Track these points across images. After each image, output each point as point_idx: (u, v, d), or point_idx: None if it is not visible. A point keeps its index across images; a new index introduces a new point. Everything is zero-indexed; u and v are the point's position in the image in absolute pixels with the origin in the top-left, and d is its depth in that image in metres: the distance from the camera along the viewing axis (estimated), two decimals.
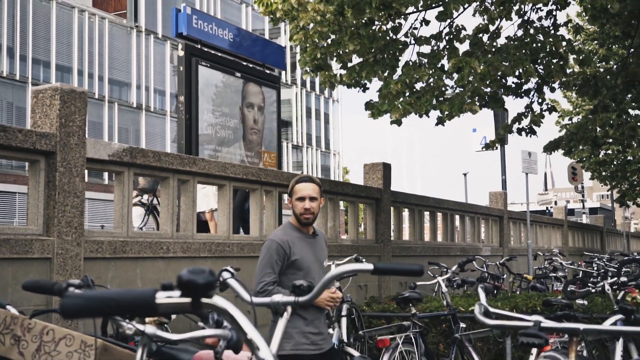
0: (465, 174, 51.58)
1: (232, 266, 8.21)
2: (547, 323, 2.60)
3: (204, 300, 1.59)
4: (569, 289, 9.59)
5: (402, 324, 8.18)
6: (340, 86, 10.79)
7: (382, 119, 9.58)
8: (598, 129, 11.48)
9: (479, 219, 17.13)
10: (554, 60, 10.42)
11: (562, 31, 14.17)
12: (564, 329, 2.60)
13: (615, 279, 7.56)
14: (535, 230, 22.23)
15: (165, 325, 6.40)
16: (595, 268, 15.59)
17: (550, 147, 12.25)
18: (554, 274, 14.11)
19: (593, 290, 7.75)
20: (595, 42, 20.05)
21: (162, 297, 1.58)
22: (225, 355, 2.75)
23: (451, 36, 9.74)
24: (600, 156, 21.44)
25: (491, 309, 3.29)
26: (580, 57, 10.01)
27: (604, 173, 23.72)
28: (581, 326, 2.58)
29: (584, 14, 11.96)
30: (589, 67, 10.74)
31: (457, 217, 16.07)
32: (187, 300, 1.57)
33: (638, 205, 26.14)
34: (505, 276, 13.21)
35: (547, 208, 48.43)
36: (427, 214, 14.77)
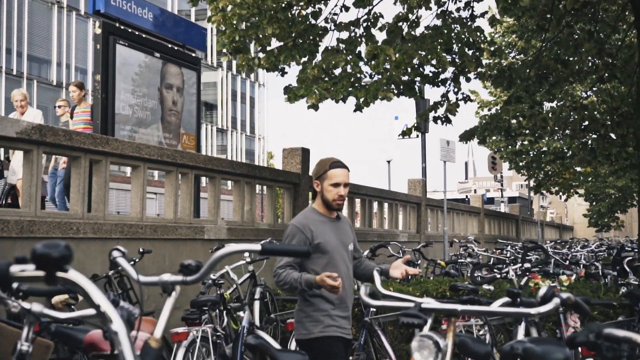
0: (389, 161, 52.09)
1: (144, 248, 8.18)
2: (428, 304, 2.67)
3: (59, 274, 1.59)
4: (476, 275, 9.84)
5: None
6: (268, 71, 10.76)
7: (301, 104, 9.57)
8: (511, 119, 11.75)
9: (397, 206, 17.36)
10: (470, 51, 10.61)
11: (481, 23, 14.39)
12: (443, 310, 2.67)
13: (520, 265, 7.77)
14: (453, 217, 22.68)
15: (73, 307, 6.32)
16: (508, 255, 16.01)
17: (465, 137, 12.48)
18: (469, 260, 14.39)
19: (498, 276, 7.97)
20: (515, 34, 20.50)
21: (16, 270, 1.58)
22: None
23: (369, 23, 9.83)
24: (517, 146, 21.91)
25: (383, 291, 3.36)
26: (492, 49, 10.22)
27: (520, 163, 24.27)
28: (459, 307, 2.66)
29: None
30: (499, 58, 10.97)
31: (375, 203, 16.25)
32: (41, 273, 1.58)
33: (552, 194, 26.83)
34: (420, 262, 13.43)
35: (466, 196, 49.39)
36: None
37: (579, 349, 6.35)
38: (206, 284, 7.53)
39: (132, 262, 7.81)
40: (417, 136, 25.51)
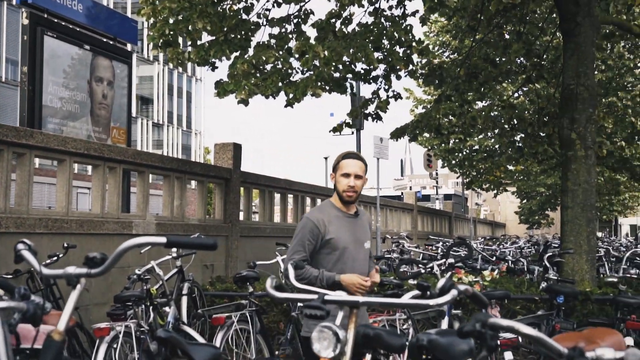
0: (325, 158, 52.31)
1: (69, 243, 8.06)
2: (330, 296, 2.71)
3: None
4: (402, 270, 9.98)
5: (240, 302, 8.26)
6: (198, 65, 10.69)
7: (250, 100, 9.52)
8: (441, 117, 11.93)
9: None
10: (401, 50, 10.74)
11: (413, 21, 14.55)
12: (344, 302, 2.71)
13: (444, 260, 7.91)
14: (386, 214, 22.90)
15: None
16: (439, 251, 16.27)
17: (397, 134, 12.61)
18: (395, 256, 14.54)
19: (423, 271, 8.10)
20: (449, 34, 20.80)
21: None
22: (21, 327, 2.70)
23: (299, 20, 9.86)
24: (450, 144, 22.24)
25: (296, 284, 3.39)
26: (420, 47, 10.36)
27: (453, 161, 24.64)
28: (360, 299, 2.71)
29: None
30: (427, 57, 11.12)
31: (308, 199, 16.30)
32: None
33: (484, 191, 27.35)
34: None
35: (402, 193, 49.89)
36: (277, 195, 14.92)
37: (498, 342, 6.53)
38: (131, 279, 7.47)
39: (56, 257, 7.69)
40: (352, 133, 25.65)
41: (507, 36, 13.02)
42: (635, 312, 7.39)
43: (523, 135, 15.68)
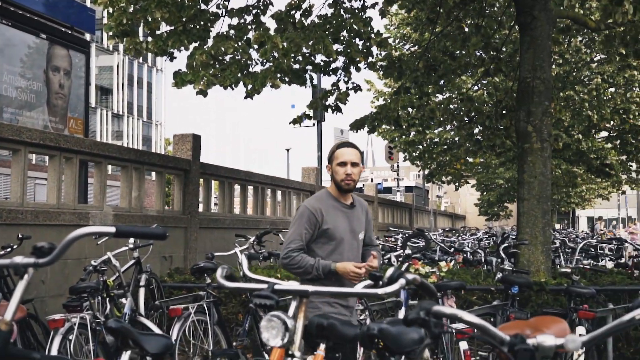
0: (287, 150, 52.26)
1: (23, 234, 7.96)
2: (280, 286, 2.73)
3: None
4: None
5: (198, 293, 8.25)
6: (156, 55, 10.61)
7: (208, 91, 9.44)
8: (400, 110, 11.99)
9: (291, 194, 17.44)
10: (360, 42, 10.77)
11: (374, 13, 14.57)
12: (294, 291, 2.73)
13: (401, 251, 7.98)
14: None
15: None
16: (399, 242, 16.37)
17: (356, 126, 12.65)
18: None
19: (380, 262, 8.14)
20: (409, 27, 20.91)
21: None
22: None
23: (258, 10, 9.84)
24: (410, 137, 22.37)
25: (249, 274, 3.40)
26: (379, 40, 10.40)
27: (413, 153, 24.80)
28: (310, 288, 2.73)
29: None
30: (385, 49, 11.16)
31: (268, 190, 16.28)
32: None
33: (444, 183, 27.60)
34: None
35: (362, 185, 50.08)
36: (238, 187, 14.88)
37: (454, 332, 6.60)
38: (87, 270, 7.41)
39: (10, 249, 7.59)
40: (313, 125, 25.73)
41: (466, 29, 13.11)
42: (587, 301, 7.53)
43: (481, 128, 15.85)
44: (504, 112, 13.14)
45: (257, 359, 7.09)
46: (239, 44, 9.41)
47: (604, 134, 26.11)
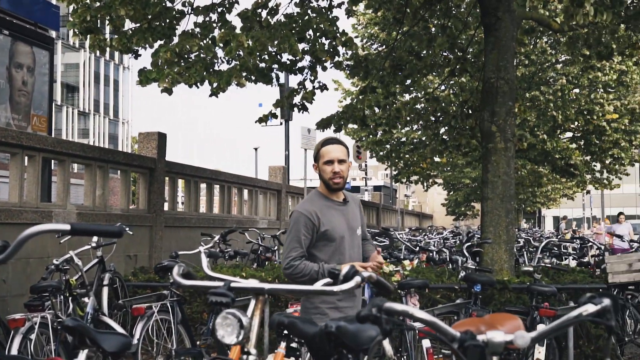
0: (256, 149, 52.18)
1: None
2: (237, 283, 2.73)
3: None
4: None
5: (162, 292, 8.21)
6: (121, 52, 10.52)
7: (175, 89, 9.38)
8: (366, 109, 12.03)
9: (258, 192, 17.42)
10: (326, 41, 10.79)
11: (341, 13, 14.55)
12: (250, 288, 2.74)
13: None
14: None
15: None
16: None
17: (322, 125, 12.66)
18: None
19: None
20: (377, 26, 20.98)
21: None
22: None
23: (224, 9, 9.81)
24: (378, 136, 22.44)
25: (209, 272, 3.39)
26: (344, 39, 10.43)
27: (381, 153, 24.89)
28: (266, 286, 2.74)
29: None
30: (350, 49, 11.20)
31: (235, 189, 16.25)
32: None
33: (412, 183, 27.75)
34: (276, 248, 13.56)
35: None
36: (204, 185, 14.83)
37: (416, 331, 6.65)
38: (49, 269, 7.34)
39: None
40: (281, 124, 25.73)
41: (432, 30, 13.19)
42: (548, 300, 7.63)
43: (447, 127, 15.95)
44: (469, 112, 13.23)
45: (221, 358, 7.05)
46: (204, 42, 9.37)
47: (569, 134, 26.43)
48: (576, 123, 23.95)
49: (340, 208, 4.63)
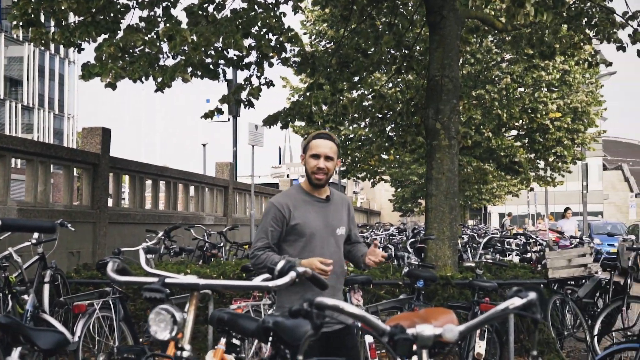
0: (204, 145, 51.84)
1: None
2: (172, 279, 2.72)
3: None
4: None
5: (104, 289, 8.10)
6: (64, 46, 10.34)
7: (122, 84, 9.22)
8: (313, 106, 12.04)
9: (204, 189, 17.33)
10: (273, 37, 10.76)
11: (289, 9, 14.50)
12: (184, 285, 2.73)
13: None
14: (261, 201, 22.94)
15: None
16: None
17: (269, 121, 12.63)
18: None
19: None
20: (326, 23, 21.03)
21: None
22: None
23: (169, 3, 9.72)
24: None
25: (147, 268, 3.37)
26: (289, 35, 10.41)
27: None
28: (201, 281, 2.73)
29: None
30: (296, 45, 11.19)
31: (180, 185, 16.14)
32: None
33: (359, 179, 27.88)
34: (222, 245, 13.51)
35: (278, 181, 50.12)
36: (149, 182, 14.70)
37: (359, 325, 6.69)
38: None
39: None
40: (229, 120, 25.62)
41: (379, 27, 13.25)
42: (489, 295, 7.74)
43: (393, 125, 16.06)
44: (415, 109, 13.35)
45: (158, 355, 6.99)
46: (149, 37, 9.27)
47: (514, 132, 26.84)
48: (520, 121, 24.35)
49: (319, 205, 4.48)
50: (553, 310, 9.19)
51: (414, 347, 2.10)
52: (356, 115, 14.93)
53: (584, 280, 9.96)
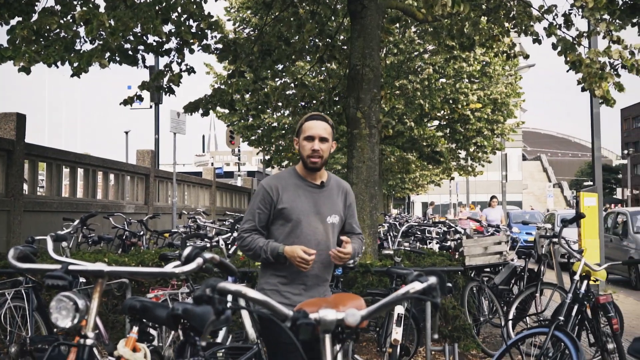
0: (126, 132, 51.03)
1: None
2: (74, 266, 2.67)
3: None
4: (189, 245, 9.96)
5: (17, 279, 7.90)
6: None
7: (41, 69, 8.98)
8: (235, 93, 11.97)
9: (124, 177, 17.06)
10: (194, 23, 10.63)
11: None
12: (89, 272, 2.68)
13: (229, 234, 8.00)
14: (184, 189, 22.73)
15: None
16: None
17: (190, 108, 12.49)
18: (182, 230, 14.42)
19: (209, 245, 8.14)
20: (250, 10, 20.93)
21: None
22: None
23: None
24: (249, 121, 22.43)
25: (55, 256, 3.30)
26: (209, 22, 10.31)
27: (252, 137, 24.89)
28: (105, 268, 2.69)
29: None
30: (215, 31, 11.09)
31: (100, 173, 15.85)
32: None
33: (284, 167, 27.86)
34: (142, 233, 13.34)
35: (203, 169, 49.68)
36: (67, 169, 14.38)
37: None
38: None
39: None
40: (151, 107, 25.24)
41: (301, 15, 13.24)
42: (406, 282, 7.84)
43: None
44: (337, 98, 13.40)
45: (64, 343, 6.88)
46: (64, 20, 9.03)
47: (435, 122, 27.22)
48: (442, 112, 24.71)
49: (310, 190, 4.29)
50: (469, 297, 9.38)
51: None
52: (280, 103, 14.92)
53: (500, 268, 10.19)
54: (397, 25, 14.09)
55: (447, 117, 25.34)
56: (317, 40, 13.53)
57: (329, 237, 4.28)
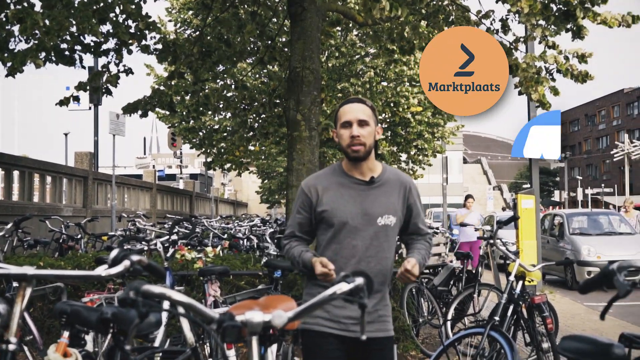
0: (66, 134, 50.15)
1: None
2: (4, 270, 2.61)
3: None
4: (125, 248, 9.84)
5: None
6: None
7: None
8: (174, 94, 11.86)
9: (62, 179, 16.76)
10: (133, 24, 10.50)
11: None
12: (12, 275, 2.63)
13: (167, 237, 7.92)
14: (123, 192, 22.45)
15: None
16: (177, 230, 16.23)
17: (128, 109, 12.31)
18: (119, 234, 14.26)
19: (146, 248, 8.04)
20: (191, 11, 20.78)
21: None
22: None
23: None
24: (191, 123, 22.29)
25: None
26: (146, 22, 10.20)
27: (194, 140, 24.73)
28: (29, 271, 2.64)
29: None
30: (153, 32, 10.96)
31: (37, 175, 15.55)
32: None
33: (225, 170, 27.75)
34: (80, 237, 13.13)
35: (144, 172, 49.16)
36: (2, 172, 14.08)
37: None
38: None
39: None
40: (90, 108, 24.89)
41: (242, 16, 13.18)
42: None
43: (255, 115, 16.07)
44: (277, 100, 13.38)
45: None
46: None
47: None
48: (383, 115, 24.87)
49: (357, 187, 3.76)
50: (409, 299, 9.46)
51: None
52: (221, 105, 14.84)
53: (439, 269, 10.31)
54: (339, 28, 14.13)
55: (388, 120, 25.50)
56: (257, 42, 13.49)
57: (382, 241, 3.76)
